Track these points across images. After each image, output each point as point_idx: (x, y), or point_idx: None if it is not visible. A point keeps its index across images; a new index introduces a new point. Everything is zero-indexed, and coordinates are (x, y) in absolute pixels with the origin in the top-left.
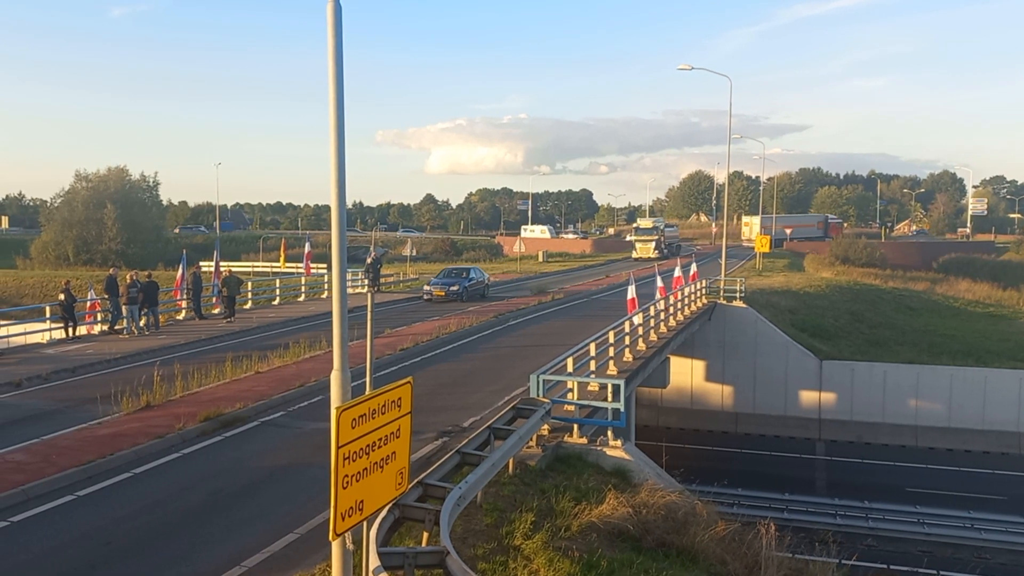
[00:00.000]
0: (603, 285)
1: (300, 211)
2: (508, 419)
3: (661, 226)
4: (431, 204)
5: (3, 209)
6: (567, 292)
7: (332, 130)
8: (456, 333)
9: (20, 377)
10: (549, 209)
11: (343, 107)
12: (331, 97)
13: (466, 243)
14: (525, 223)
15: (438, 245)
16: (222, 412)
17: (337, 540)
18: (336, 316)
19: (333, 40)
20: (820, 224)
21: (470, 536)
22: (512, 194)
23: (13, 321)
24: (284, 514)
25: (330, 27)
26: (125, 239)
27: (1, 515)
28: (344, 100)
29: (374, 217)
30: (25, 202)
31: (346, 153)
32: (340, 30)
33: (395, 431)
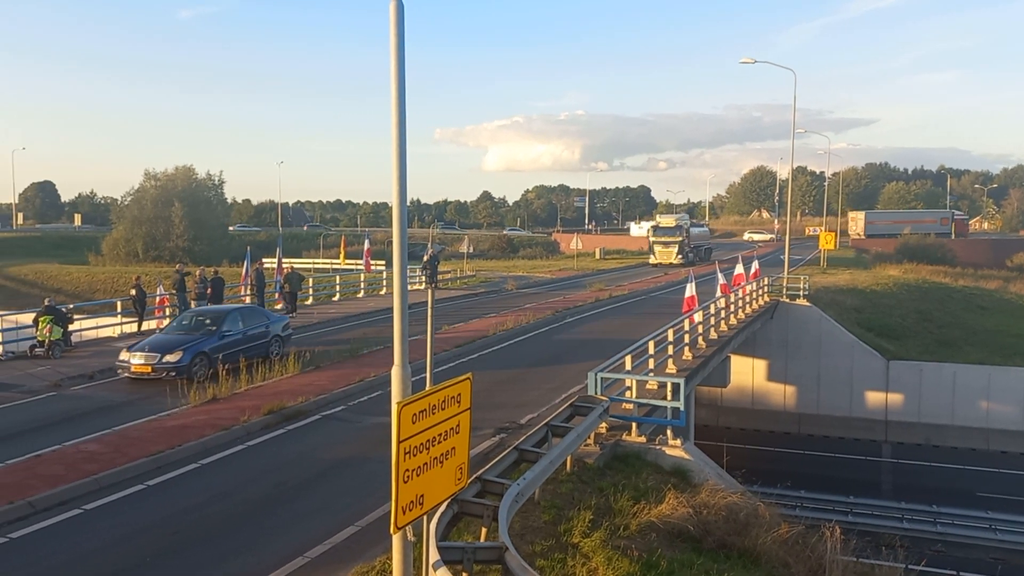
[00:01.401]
0: (661, 283)
1: (359, 208)
2: (566, 416)
3: (686, 225)
4: (488, 201)
5: (76, 207)
6: (624, 290)
7: (394, 128)
8: (513, 330)
9: (93, 370)
10: (606, 206)
11: (404, 105)
12: (393, 95)
13: (522, 240)
14: (582, 220)
15: (494, 242)
16: (285, 406)
17: (398, 533)
18: (396, 312)
19: (395, 38)
20: (944, 220)
21: (528, 533)
22: (569, 191)
23: (86, 315)
24: (345, 507)
25: (392, 26)
26: (191, 236)
27: (75, 503)
28: (406, 98)
29: (431, 214)
30: (97, 200)
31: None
32: (402, 28)
33: (455, 427)
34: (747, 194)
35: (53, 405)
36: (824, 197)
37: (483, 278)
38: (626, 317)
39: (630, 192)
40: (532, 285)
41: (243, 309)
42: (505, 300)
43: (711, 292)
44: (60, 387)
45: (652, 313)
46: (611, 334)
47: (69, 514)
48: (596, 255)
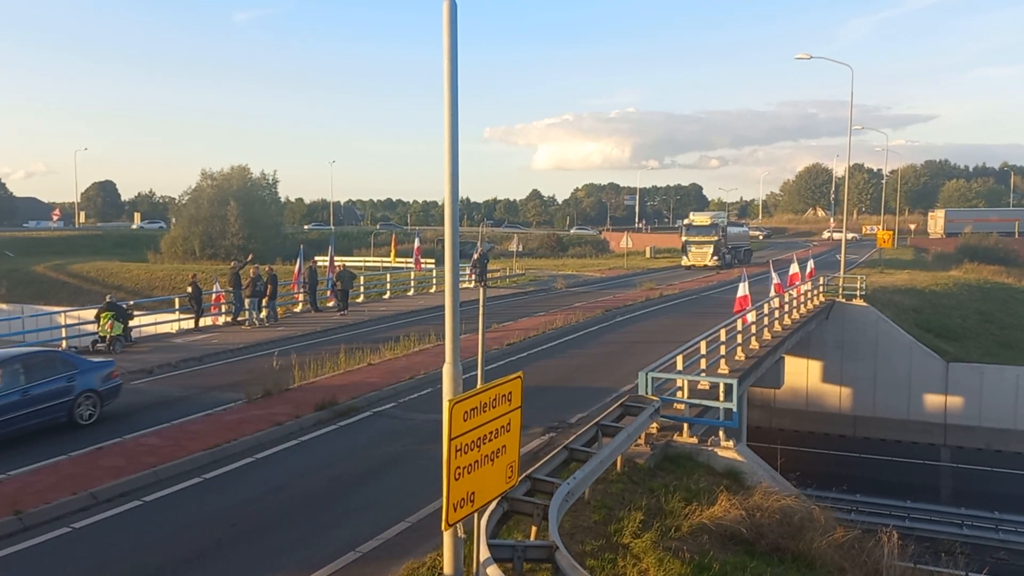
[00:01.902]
0: (713, 282)
1: (409, 207)
2: (616, 416)
3: (723, 224)
4: (537, 200)
5: (135, 206)
6: (675, 289)
7: (447, 126)
8: (563, 329)
9: (152, 365)
10: (657, 204)
11: (457, 104)
12: (445, 94)
13: (571, 239)
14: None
15: (544, 241)
16: (337, 402)
17: (449, 530)
18: (448, 310)
19: (448, 38)
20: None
21: (578, 532)
22: (619, 189)
23: (145, 312)
24: (396, 503)
25: (445, 25)
26: (246, 235)
27: (135, 495)
28: (458, 97)
29: (481, 213)
30: (156, 199)
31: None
32: (455, 28)
33: (506, 425)
34: (801, 192)
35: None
36: (882, 195)
37: (532, 277)
38: (677, 316)
39: (681, 190)
40: (581, 284)
41: (27, 357)
42: (554, 299)
43: (765, 292)
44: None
45: (704, 313)
46: (662, 334)
47: (129, 505)
48: (646, 254)
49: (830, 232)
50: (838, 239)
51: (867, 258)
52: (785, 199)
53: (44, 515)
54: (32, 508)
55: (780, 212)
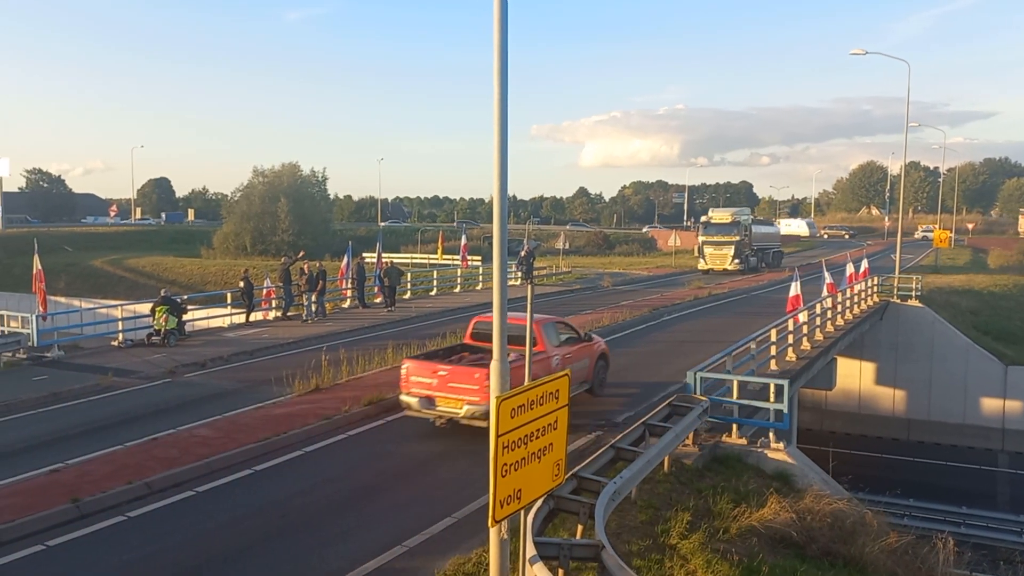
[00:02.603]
0: (763, 281)
1: (456, 204)
2: (664, 416)
3: (746, 221)
4: (583, 197)
5: (189, 202)
6: (724, 288)
7: (496, 123)
8: (609, 327)
9: (205, 358)
10: (705, 202)
11: (506, 101)
12: (495, 92)
13: (618, 236)
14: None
15: (590, 238)
16: (384, 397)
17: (495, 527)
18: (496, 307)
19: (499, 36)
20: None
21: (624, 532)
22: (667, 187)
23: (198, 306)
24: (442, 498)
25: (496, 23)
26: (296, 231)
27: (188, 485)
28: (508, 95)
29: (527, 210)
30: (209, 196)
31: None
32: (506, 26)
33: (552, 423)
34: (855, 190)
35: (168, 391)
36: (938, 194)
37: (579, 274)
38: (726, 316)
39: (731, 188)
40: (628, 282)
41: None
42: (601, 297)
43: (817, 292)
44: (175, 374)
45: (754, 312)
46: (710, 333)
47: (183, 495)
48: (695, 252)
49: (923, 232)
50: (921, 238)
51: (918, 261)
52: (838, 197)
53: (100, 503)
54: (89, 496)
55: (833, 211)
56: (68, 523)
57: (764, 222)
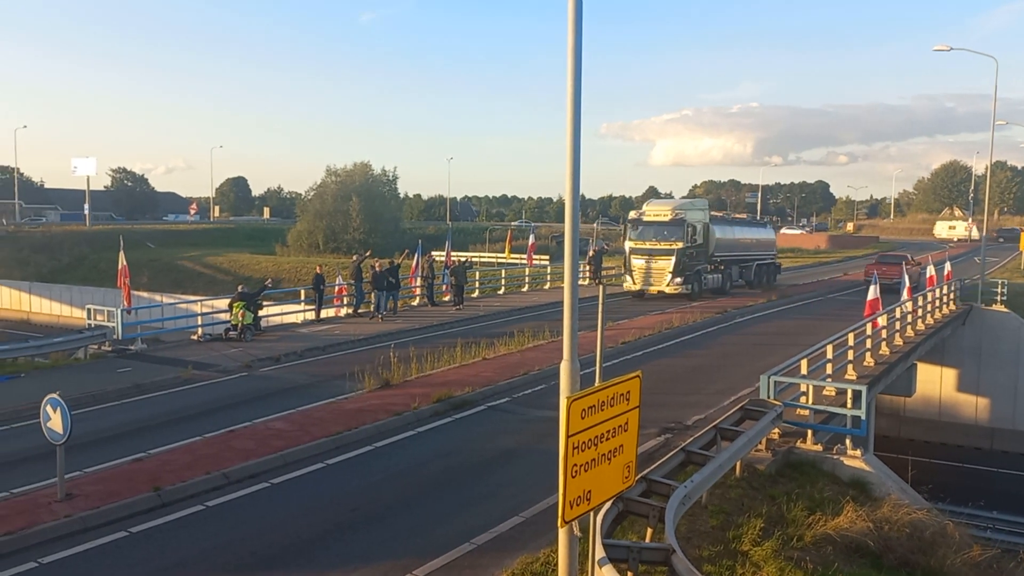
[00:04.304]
0: (839, 283)
1: (524, 203)
2: (736, 420)
3: (698, 220)
4: (654, 197)
5: (265, 201)
6: (798, 290)
7: (568, 122)
8: (679, 328)
9: (279, 353)
10: (780, 202)
11: (580, 100)
12: (568, 91)
13: None
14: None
15: None
16: (452, 395)
17: (564, 528)
18: (567, 306)
19: (573, 36)
20: None
21: (694, 536)
22: (740, 186)
23: (273, 302)
24: (510, 496)
25: (570, 23)
26: (367, 229)
27: (263, 476)
28: (581, 94)
29: (596, 210)
30: (283, 195)
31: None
32: (580, 26)
33: (623, 424)
34: (937, 190)
35: (244, 384)
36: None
37: None
38: (800, 318)
39: (807, 187)
40: None
41: None
42: (669, 298)
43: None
44: (251, 368)
45: (829, 315)
46: (783, 335)
47: (258, 486)
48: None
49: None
50: None
51: (1003, 264)
52: (919, 198)
53: (180, 492)
54: (170, 485)
55: (913, 211)
56: (150, 510)
57: (751, 224)
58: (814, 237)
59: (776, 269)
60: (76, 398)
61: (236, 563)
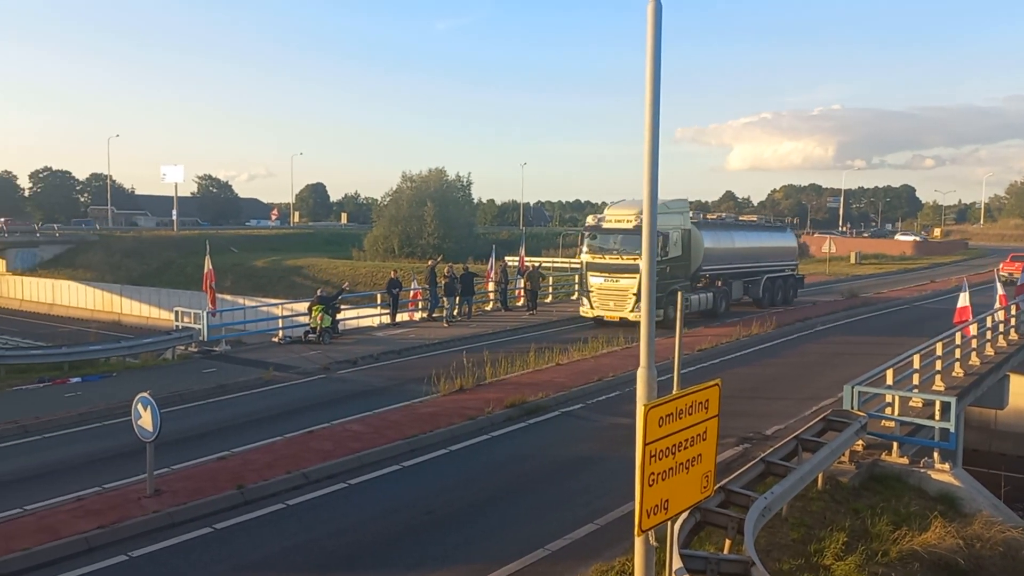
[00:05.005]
0: (926, 291)
1: (597, 208)
2: (817, 431)
3: (675, 227)
4: (730, 201)
5: (342, 207)
6: (883, 298)
7: (647, 127)
8: (758, 336)
9: (356, 356)
10: (863, 207)
11: (658, 105)
12: (647, 95)
13: None
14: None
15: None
16: (526, 400)
17: (641, 537)
18: (644, 312)
19: (652, 39)
20: None
21: (774, 549)
22: (821, 191)
23: (350, 306)
24: (583, 503)
25: (650, 26)
26: (441, 234)
27: (341, 477)
28: (660, 98)
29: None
30: (360, 200)
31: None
32: (659, 29)
33: (702, 433)
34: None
35: (323, 386)
36: None
37: None
38: (884, 326)
39: (891, 192)
40: None
41: None
42: (748, 304)
43: (988, 303)
44: (329, 370)
45: (915, 323)
46: (866, 344)
47: (336, 487)
48: (851, 259)
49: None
50: None
51: None
52: (1012, 202)
53: (262, 491)
54: (252, 484)
55: (1004, 216)
56: (233, 508)
57: (750, 227)
58: (899, 243)
59: (796, 283)
60: (164, 397)
61: (315, 563)
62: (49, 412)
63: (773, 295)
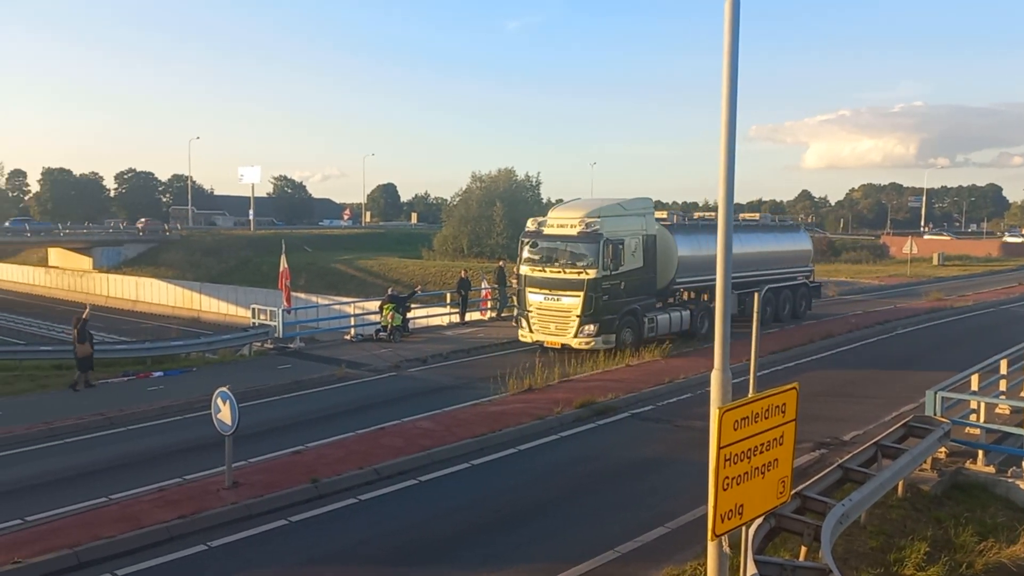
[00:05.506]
0: (1014, 294)
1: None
2: (898, 437)
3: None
4: (807, 201)
5: (412, 207)
6: (968, 300)
7: (723, 124)
8: (836, 339)
9: (426, 354)
10: (946, 206)
11: (735, 103)
12: (724, 93)
13: (845, 243)
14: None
15: (814, 244)
16: (595, 400)
17: (714, 541)
18: (719, 313)
19: (729, 37)
20: None
21: (851, 558)
22: (901, 190)
23: (420, 305)
24: (652, 506)
25: (727, 24)
26: (510, 234)
27: (411, 474)
28: (737, 97)
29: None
30: (430, 201)
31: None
32: (737, 27)
33: (778, 437)
34: None
35: (393, 384)
36: None
37: None
38: (969, 331)
39: (976, 191)
40: (856, 291)
41: None
42: (825, 306)
43: None
44: (399, 368)
45: (1001, 326)
46: (948, 349)
47: (406, 483)
48: (933, 260)
49: None
50: None
51: None
52: None
53: (335, 485)
54: (325, 478)
55: None
56: (307, 501)
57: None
58: (984, 244)
59: (809, 293)
60: (241, 392)
61: (385, 557)
62: (133, 405)
63: (778, 309)
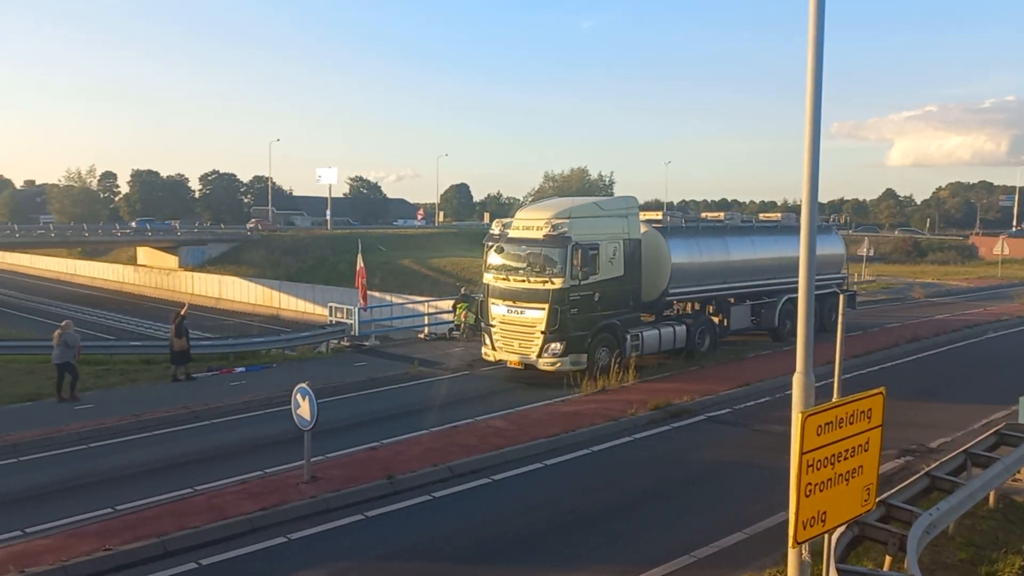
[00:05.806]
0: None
1: (745, 207)
2: (989, 445)
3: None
4: (891, 200)
5: (485, 206)
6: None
7: (808, 122)
8: (921, 342)
9: None
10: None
11: (820, 100)
12: (808, 89)
13: (931, 243)
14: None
15: (898, 244)
16: (671, 403)
17: (795, 549)
18: (801, 315)
19: (815, 30)
20: None
21: (939, 569)
22: (992, 188)
23: None
24: (729, 511)
25: (812, 16)
26: None
27: (484, 472)
28: (822, 93)
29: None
30: (502, 200)
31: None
32: (822, 20)
33: (864, 444)
34: None
35: (466, 382)
36: None
37: (884, 284)
38: None
39: None
40: (943, 293)
41: None
42: (910, 309)
43: None
44: (472, 367)
45: None
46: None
47: (480, 482)
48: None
49: None
50: None
51: None
52: None
53: (410, 482)
54: (401, 475)
55: None
56: (383, 497)
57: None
58: None
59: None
60: (319, 388)
61: (461, 555)
62: (216, 399)
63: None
